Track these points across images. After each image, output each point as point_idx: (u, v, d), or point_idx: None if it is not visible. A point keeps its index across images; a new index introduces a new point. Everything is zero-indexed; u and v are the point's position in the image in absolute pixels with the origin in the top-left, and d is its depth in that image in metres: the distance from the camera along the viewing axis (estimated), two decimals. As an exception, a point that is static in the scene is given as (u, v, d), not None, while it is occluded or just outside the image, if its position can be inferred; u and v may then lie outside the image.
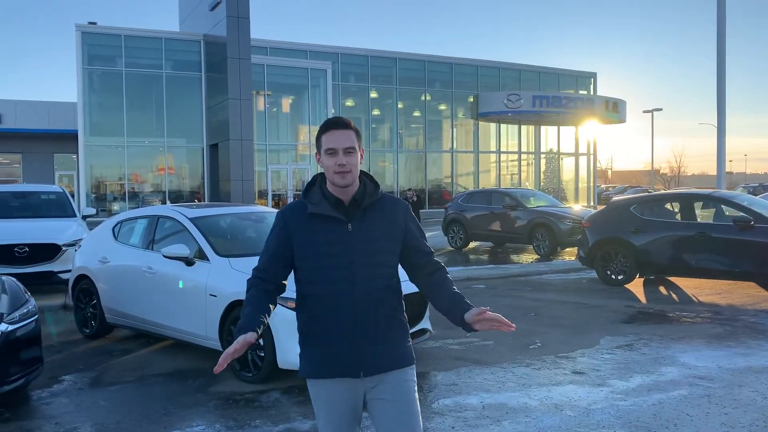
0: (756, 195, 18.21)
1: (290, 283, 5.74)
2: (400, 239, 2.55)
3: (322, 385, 2.52)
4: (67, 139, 29.37)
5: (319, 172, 2.60)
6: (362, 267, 2.45)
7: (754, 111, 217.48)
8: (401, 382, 2.50)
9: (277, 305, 5.61)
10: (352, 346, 2.44)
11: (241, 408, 4.90)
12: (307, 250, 2.48)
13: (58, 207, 11.26)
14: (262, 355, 5.37)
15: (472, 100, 34.77)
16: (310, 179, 2.61)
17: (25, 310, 4.99)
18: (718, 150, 15.19)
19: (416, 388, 2.56)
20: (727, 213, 9.86)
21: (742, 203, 9.75)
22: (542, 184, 36.68)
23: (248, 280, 2.58)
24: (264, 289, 2.54)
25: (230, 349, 2.30)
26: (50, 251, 9.68)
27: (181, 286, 6.01)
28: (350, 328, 2.45)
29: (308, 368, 2.54)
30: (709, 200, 10.40)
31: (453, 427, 4.41)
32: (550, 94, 34.56)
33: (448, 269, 2.68)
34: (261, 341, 5.35)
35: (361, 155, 2.51)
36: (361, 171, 2.52)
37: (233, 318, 5.56)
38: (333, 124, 2.47)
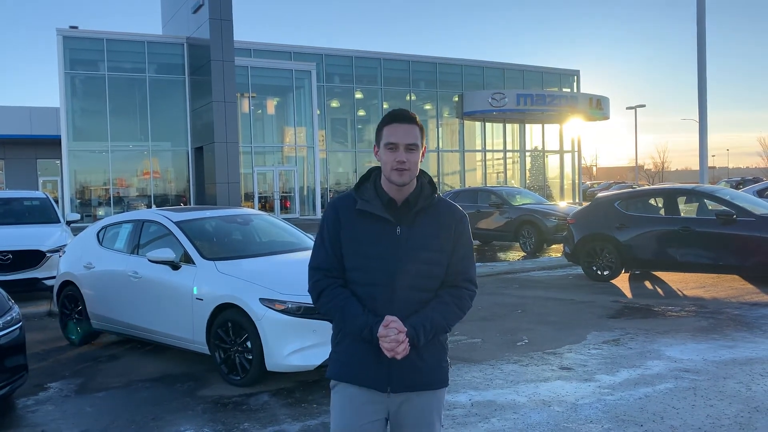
0: (738, 189, 18.40)
1: (279, 285, 5.73)
2: (449, 251, 2.36)
3: (346, 391, 2.36)
4: (50, 145, 29.10)
5: (375, 165, 2.44)
6: (405, 275, 2.29)
7: (736, 107, 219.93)
8: (427, 411, 2.39)
9: (265, 308, 5.61)
10: (383, 356, 2.27)
11: (230, 411, 4.88)
12: (351, 247, 2.33)
13: (42, 213, 11.15)
14: (250, 357, 5.34)
15: (456, 99, 34.84)
16: (365, 172, 2.43)
17: (8, 318, 4.95)
18: (700, 145, 15.34)
19: (441, 417, 2.44)
20: (710, 207, 9.95)
21: (724, 197, 9.85)
22: (528, 181, 36.84)
23: (315, 282, 2.38)
24: (339, 285, 2.35)
25: (401, 346, 2.22)
26: (34, 258, 9.59)
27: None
28: None
29: (335, 369, 2.39)
30: (692, 195, 10.51)
31: (442, 426, 4.41)
32: (534, 93, 34.70)
33: None
34: (249, 344, 5.33)
35: (423, 153, 2.34)
36: (420, 170, 2.36)
37: (220, 321, 5.54)
38: (396, 117, 2.31)
